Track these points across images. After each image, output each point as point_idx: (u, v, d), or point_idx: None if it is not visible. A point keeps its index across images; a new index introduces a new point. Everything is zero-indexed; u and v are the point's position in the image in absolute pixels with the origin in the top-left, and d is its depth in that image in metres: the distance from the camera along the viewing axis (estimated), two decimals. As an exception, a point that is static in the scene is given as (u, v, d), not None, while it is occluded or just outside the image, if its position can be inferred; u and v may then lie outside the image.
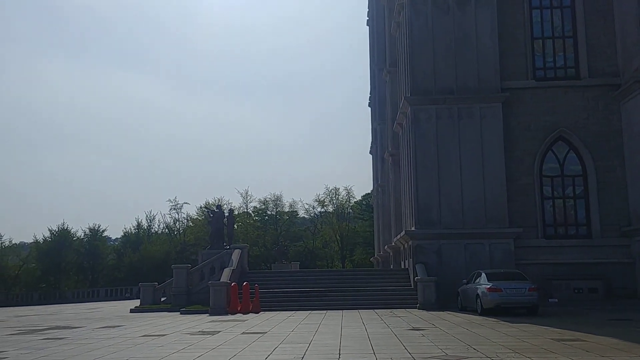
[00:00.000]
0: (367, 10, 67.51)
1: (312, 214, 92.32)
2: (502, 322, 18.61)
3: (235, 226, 45.18)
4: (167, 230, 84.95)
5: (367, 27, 69.28)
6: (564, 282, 28.37)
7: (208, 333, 16.98)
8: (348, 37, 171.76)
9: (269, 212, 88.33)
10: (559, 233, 29.75)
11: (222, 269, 31.63)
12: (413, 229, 29.43)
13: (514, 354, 11.45)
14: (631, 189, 28.95)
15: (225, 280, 28.03)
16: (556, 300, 26.75)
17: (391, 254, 41.63)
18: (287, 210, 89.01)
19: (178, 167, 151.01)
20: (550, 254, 28.96)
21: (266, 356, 11.83)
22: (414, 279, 28.74)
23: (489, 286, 21.58)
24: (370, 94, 65.56)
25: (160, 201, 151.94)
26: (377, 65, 56.25)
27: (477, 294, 22.19)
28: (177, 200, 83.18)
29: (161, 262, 76.81)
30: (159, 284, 34.88)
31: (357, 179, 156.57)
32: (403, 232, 30.22)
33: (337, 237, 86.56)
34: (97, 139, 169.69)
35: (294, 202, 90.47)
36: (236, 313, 25.97)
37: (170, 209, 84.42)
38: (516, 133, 29.97)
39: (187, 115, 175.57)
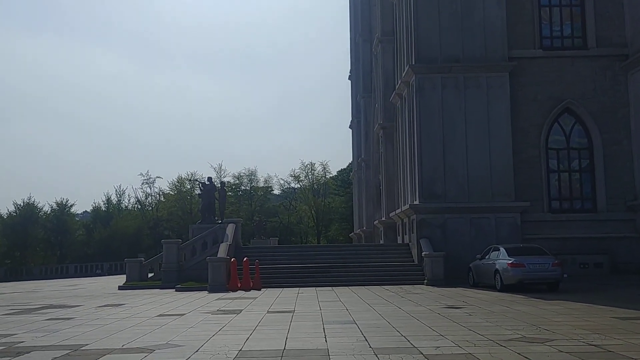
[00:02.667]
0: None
1: (287, 189, 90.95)
2: (535, 299, 17.71)
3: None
4: (138, 205, 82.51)
5: (347, -3, 67.58)
6: (570, 257, 27.75)
7: (229, 312, 15.61)
8: (323, 9, 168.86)
9: (243, 187, 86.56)
10: (564, 207, 29.11)
11: (215, 244, 30.17)
12: (417, 202, 28.38)
13: (596, 335, 10.43)
14: (637, 162, 28.43)
15: (223, 256, 26.57)
16: (566, 275, 26.09)
17: (382, 229, 40.65)
18: (261, 185, 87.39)
19: (148, 141, 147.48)
20: (555, 229, 28.32)
21: (324, 336, 10.57)
22: (418, 254, 27.78)
23: (510, 261, 20.66)
24: (352, 66, 64.04)
25: (131, 176, 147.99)
26: (362, 36, 54.78)
27: (496, 270, 21.27)
28: (149, 174, 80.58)
29: (133, 238, 74.75)
30: (145, 260, 33.19)
31: (332, 154, 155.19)
32: (407, 206, 29.14)
33: (313, 212, 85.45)
34: (63, 110, 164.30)
35: (269, 177, 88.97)
36: (237, 290, 24.61)
37: (142, 183, 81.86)
38: (522, 104, 29.06)
39: (159, 89, 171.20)
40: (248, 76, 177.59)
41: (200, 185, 33.65)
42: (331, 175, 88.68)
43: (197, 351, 9.48)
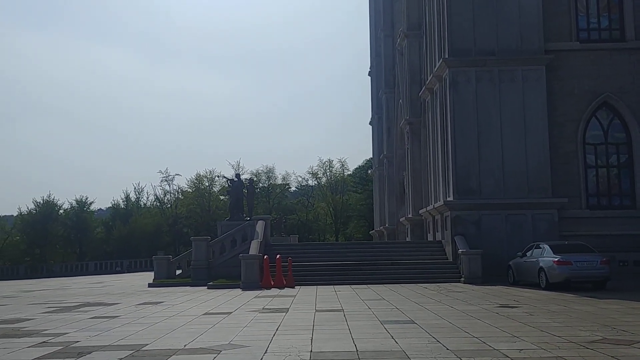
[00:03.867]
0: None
1: (304, 187, 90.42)
2: (588, 298, 17.12)
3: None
4: (157, 202, 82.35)
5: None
6: (609, 255, 26.95)
7: (276, 310, 15.15)
8: (341, 5, 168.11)
9: (260, 184, 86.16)
10: (602, 203, 28.37)
11: (244, 241, 29.76)
12: (450, 198, 27.77)
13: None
14: (678, 157, 27.63)
15: (255, 253, 26.14)
16: (608, 273, 25.41)
17: (408, 226, 40.05)
18: (279, 182, 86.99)
19: (166, 139, 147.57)
20: (593, 225, 27.56)
21: (391, 337, 10.08)
22: (453, 251, 27.19)
23: (557, 259, 20.04)
24: (372, 62, 63.38)
25: (148, 174, 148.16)
26: (384, 31, 54.12)
27: (541, 268, 20.65)
28: (168, 171, 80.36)
29: (152, 235, 74.71)
30: (173, 257, 32.84)
31: (349, 151, 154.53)
32: (440, 203, 28.54)
33: (331, 210, 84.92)
34: (77, 112, 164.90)
35: (287, 174, 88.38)
36: (270, 288, 24.17)
37: (161, 181, 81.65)
38: (558, 98, 28.33)
39: (174, 89, 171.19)
40: (264, 74, 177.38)
41: (228, 182, 33.26)
42: (349, 173, 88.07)
43: (266, 352, 9.03)
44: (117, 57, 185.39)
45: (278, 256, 25.46)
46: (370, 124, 65.14)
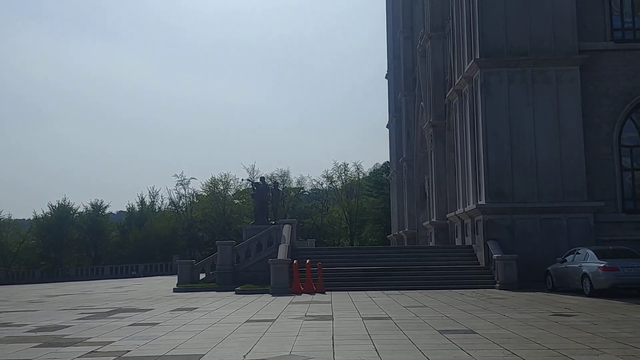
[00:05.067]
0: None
1: (318, 190, 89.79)
2: (641, 305, 16.41)
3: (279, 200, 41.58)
4: (172, 206, 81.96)
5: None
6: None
7: (320, 318, 14.55)
8: (356, 10, 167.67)
9: (270, 189, 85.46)
10: (638, 207, 27.60)
11: (270, 245, 29.22)
12: (482, 202, 27.09)
13: None
14: None
15: (283, 258, 25.57)
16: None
17: (432, 230, 39.37)
18: (294, 186, 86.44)
19: (181, 143, 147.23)
20: (630, 230, 26.75)
21: (459, 348, 9.46)
22: (486, 256, 26.50)
23: (602, 265, 19.33)
24: (389, 65, 62.77)
25: (162, 177, 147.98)
26: (403, 33, 53.53)
27: (585, 274, 19.94)
28: (183, 175, 79.95)
29: (167, 239, 74.32)
30: (196, 262, 32.34)
31: (364, 154, 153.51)
32: (472, 206, 27.84)
33: (346, 214, 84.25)
34: (94, 115, 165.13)
35: (302, 177, 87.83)
36: (301, 293, 23.58)
37: (177, 184, 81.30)
38: (593, 99, 27.60)
39: (193, 95, 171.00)
40: (281, 79, 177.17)
41: (253, 185, 32.72)
42: (364, 176, 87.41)
43: (335, 365, 8.43)
44: (134, 62, 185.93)
45: (308, 261, 24.89)
46: (387, 127, 64.49)
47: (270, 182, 34.81)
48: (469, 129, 29.34)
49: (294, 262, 24.90)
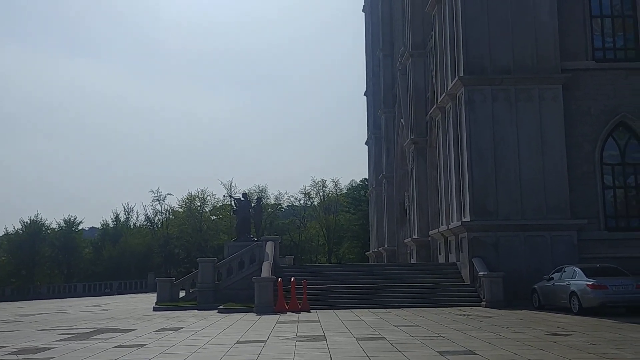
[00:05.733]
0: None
1: (296, 207, 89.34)
2: (633, 324, 16.34)
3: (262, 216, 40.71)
4: (147, 223, 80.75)
5: (363, 13, 66.68)
6: (629, 278, 26.37)
7: (313, 339, 14.15)
8: (334, 28, 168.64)
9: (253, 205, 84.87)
10: (620, 225, 27.78)
11: (252, 262, 28.75)
12: (467, 219, 27.02)
13: None
14: (697, 178, 27.19)
15: (267, 276, 25.13)
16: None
17: (413, 247, 39.23)
18: (271, 202, 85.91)
19: (157, 159, 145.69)
20: (612, 248, 26.89)
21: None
22: (471, 274, 26.37)
23: (591, 283, 19.30)
24: (368, 82, 62.94)
25: (138, 193, 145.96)
26: (383, 51, 53.80)
27: (573, 292, 19.89)
28: (160, 191, 78.88)
29: (143, 256, 73.11)
30: (176, 279, 31.66)
31: (342, 171, 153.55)
32: (457, 223, 27.73)
33: (324, 230, 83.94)
34: (66, 130, 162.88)
35: (280, 194, 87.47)
36: (286, 312, 23.14)
37: (153, 200, 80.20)
38: (575, 117, 27.82)
39: (169, 109, 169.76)
40: (257, 95, 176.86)
41: (235, 201, 32.25)
42: (342, 193, 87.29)
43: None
44: (106, 75, 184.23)
45: (293, 279, 24.49)
46: (366, 143, 64.58)
47: (252, 198, 34.23)
48: (453, 146, 29.34)
49: (279, 280, 24.47)
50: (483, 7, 27.95)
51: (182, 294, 30.76)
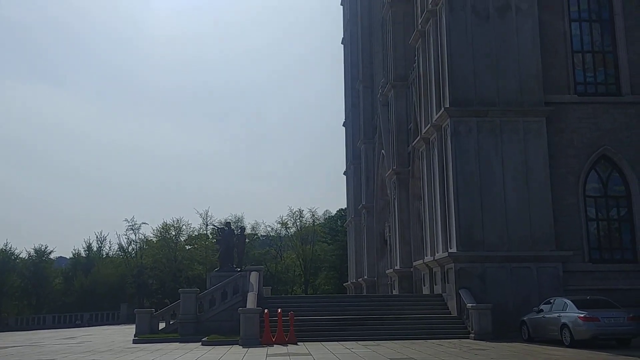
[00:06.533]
0: (343, 28, 65.49)
1: (272, 237, 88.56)
2: (627, 357, 16.27)
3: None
4: (120, 252, 79.13)
5: (342, 45, 67.37)
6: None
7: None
8: (313, 59, 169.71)
9: (236, 234, 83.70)
10: (604, 257, 27.98)
11: (236, 293, 28.20)
12: (454, 250, 26.95)
13: None
14: (677, 211, 27.61)
15: (252, 307, 24.60)
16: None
17: (395, 278, 39.03)
18: (248, 232, 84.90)
19: (130, 187, 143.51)
20: (596, 280, 27.05)
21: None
22: (457, 305, 26.19)
23: (583, 315, 19.26)
24: (347, 113, 63.26)
25: (112, 222, 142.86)
26: (363, 82, 54.24)
27: (565, 324, 19.82)
28: (134, 219, 77.44)
29: (115, 286, 71.43)
30: (155, 310, 30.83)
31: (319, 201, 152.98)
32: (444, 254, 27.58)
33: (300, 261, 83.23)
34: (40, 152, 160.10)
35: (256, 223, 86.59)
36: (272, 344, 22.61)
37: (127, 229, 78.72)
38: (559, 150, 28.18)
39: (139, 134, 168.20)
40: (233, 123, 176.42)
41: (218, 231, 31.74)
42: (319, 223, 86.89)
43: None
44: (80, 107, 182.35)
45: (279, 310, 24.00)
46: (345, 174, 64.65)
47: (236, 228, 33.79)
48: (438, 177, 29.39)
49: (265, 311, 23.97)
50: (468, 40, 28.36)
51: (161, 325, 29.94)
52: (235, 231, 32.18)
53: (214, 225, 46.67)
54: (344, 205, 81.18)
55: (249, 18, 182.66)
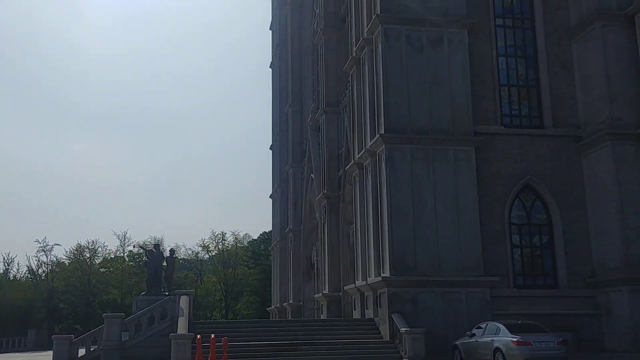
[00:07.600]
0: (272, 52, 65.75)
1: (193, 260, 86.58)
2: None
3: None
4: (30, 275, 74.81)
5: (270, 69, 67.54)
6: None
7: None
8: (241, 81, 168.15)
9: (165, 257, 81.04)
10: (527, 283, 29.09)
11: (163, 318, 27.18)
12: (387, 275, 27.20)
13: None
14: (594, 240, 29.12)
15: (183, 332, 23.75)
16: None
17: (324, 303, 38.91)
18: (167, 255, 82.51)
19: (41, 207, 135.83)
20: (521, 305, 27.99)
21: None
22: (390, 330, 26.35)
23: (515, 339, 19.83)
24: (274, 137, 63.15)
25: (21, 243, 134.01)
26: (292, 106, 54.29)
27: (497, 348, 20.33)
28: (46, 241, 73.42)
29: (23, 311, 67.28)
30: (75, 337, 29.15)
31: (241, 224, 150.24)
32: (377, 278, 27.76)
33: (222, 285, 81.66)
34: None
35: (177, 246, 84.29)
36: (205, 372, 21.86)
37: (38, 251, 74.53)
38: (487, 178, 29.19)
39: (54, 154, 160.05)
40: (149, 141, 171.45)
41: (146, 253, 30.61)
42: (242, 246, 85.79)
43: None
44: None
45: (213, 336, 23.23)
46: (270, 197, 64.24)
47: (165, 250, 32.70)
48: (372, 202, 29.68)
49: (198, 337, 23.16)
50: (403, 70, 29.06)
51: (81, 352, 28.34)
52: (163, 253, 31.15)
53: (141, 247, 44.77)
54: (267, 229, 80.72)
55: (169, 45, 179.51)
